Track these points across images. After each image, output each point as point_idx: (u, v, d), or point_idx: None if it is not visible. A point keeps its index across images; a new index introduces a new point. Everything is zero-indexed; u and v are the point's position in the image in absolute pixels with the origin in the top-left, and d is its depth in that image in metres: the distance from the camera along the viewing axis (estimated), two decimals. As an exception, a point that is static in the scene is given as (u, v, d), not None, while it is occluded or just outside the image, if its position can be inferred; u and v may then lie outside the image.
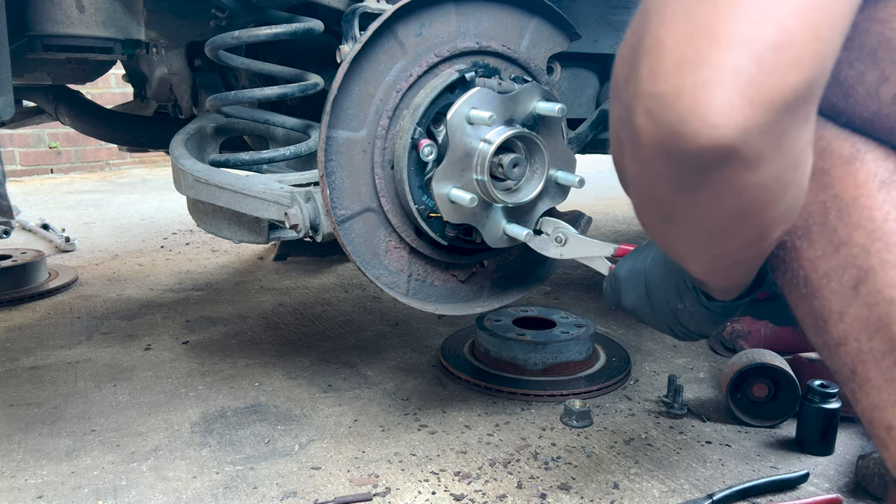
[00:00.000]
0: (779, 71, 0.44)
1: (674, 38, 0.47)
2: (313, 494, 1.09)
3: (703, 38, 0.45)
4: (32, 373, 1.55)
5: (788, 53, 0.44)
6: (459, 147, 1.06)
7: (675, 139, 0.47)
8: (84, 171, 5.07)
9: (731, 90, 0.45)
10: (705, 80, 0.45)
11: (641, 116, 0.49)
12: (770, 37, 0.44)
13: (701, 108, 0.45)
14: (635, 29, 0.52)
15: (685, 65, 0.46)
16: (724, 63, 0.45)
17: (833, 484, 1.12)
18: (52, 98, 1.97)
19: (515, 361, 1.46)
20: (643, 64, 0.49)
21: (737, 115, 0.45)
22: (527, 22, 1.18)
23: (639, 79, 0.49)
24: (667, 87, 0.47)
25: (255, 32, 1.24)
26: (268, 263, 2.49)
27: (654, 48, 0.48)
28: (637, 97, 0.50)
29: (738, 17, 0.44)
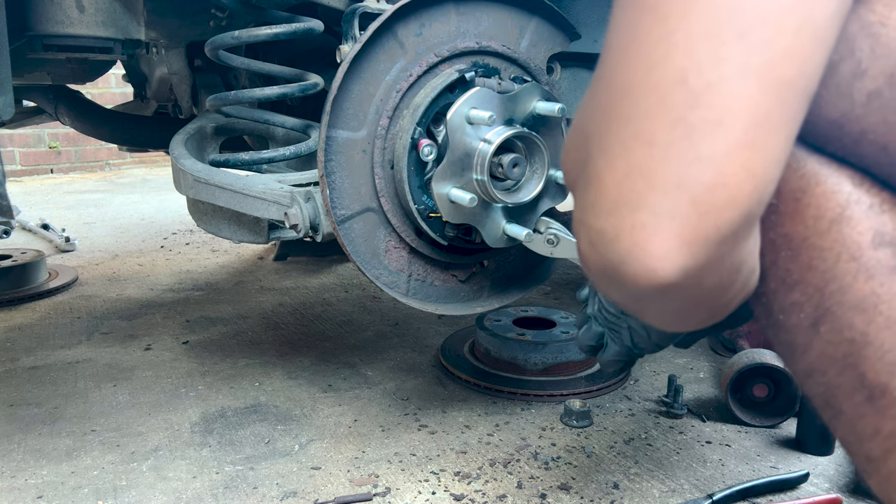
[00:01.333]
0: (714, 211, 0.44)
1: (612, 176, 0.47)
2: (313, 494, 1.09)
3: (639, 179, 0.45)
4: (32, 373, 1.55)
5: (723, 194, 0.44)
6: (459, 147, 1.06)
7: (615, 276, 0.48)
8: (84, 171, 5.07)
9: (667, 233, 0.45)
10: (643, 224, 0.45)
11: (584, 244, 0.50)
12: (704, 179, 0.44)
13: (638, 251, 0.46)
14: (579, 138, 0.52)
15: (623, 205, 0.46)
16: (659, 206, 0.45)
17: (833, 484, 1.12)
18: (52, 98, 1.97)
19: (515, 361, 1.46)
20: (586, 193, 0.49)
21: (674, 257, 0.45)
22: (527, 22, 1.18)
23: (583, 206, 0.50)
24: (606, 225, 0.47)
25: (255, 32, 1.24)
26: (268, 263, 2.49)
27: (595, 182, 0.48)
28: (580, 224, 0.50)
29: (673, 158, 0.44)
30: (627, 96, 0.46)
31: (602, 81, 0.49)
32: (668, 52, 0.45)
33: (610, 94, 0.48)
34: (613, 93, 0.48)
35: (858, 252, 0.52)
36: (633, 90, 0.46)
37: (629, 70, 0.46)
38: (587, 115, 0.51)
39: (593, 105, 0.50)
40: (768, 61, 0.43)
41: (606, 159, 0.47)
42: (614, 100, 0.47)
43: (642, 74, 0.45)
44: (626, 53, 0.47)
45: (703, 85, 0.44)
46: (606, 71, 0.49)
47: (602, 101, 0.49)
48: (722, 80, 0.44)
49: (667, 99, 0.44)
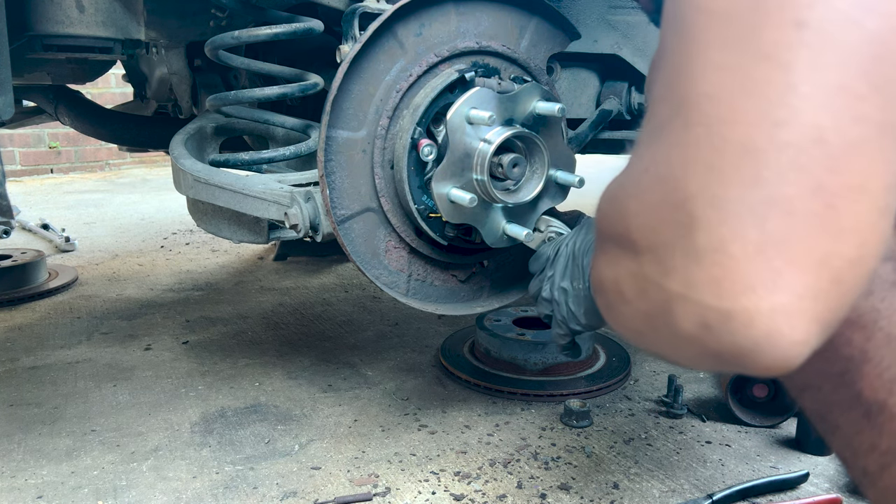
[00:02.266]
0: (853, 287, 0.41)
1: (742, 248, 0.40)
2: (313, 494, 1.09)
3: (777, 254, 0.40)
4: (32, 373, 1.55)
5: (863, 268, 0.41)
6: (459, 147, 1.06)
7: (736, 360, 0.43)
8: (84, 171, 5.07)
9: (809, 316, 0.40)
10: (784, 307, 0.40)
11: (693, 325, 0.43)
12: (848, 254, 0.40)
13: (778, 338, 0.41)
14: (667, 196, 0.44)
15: (760, 286, 0.40)
16: (802, 286, 0.40)
17: (833, 484, 1.12)
18: (52, 98, 1.97)
19: (515, 361, 1.46)
20: (699, 266, 0.42)
21: (812, 341, 0.41)
22: (527, 22, 1.18)
23: (691, 282, 0.43)
24: (736, 307, 0.41)
25: (255, 32, 1.24)
26: (268, 263, 2.49)
27: (718, 254, 0.41)
28: (688, 302, 0.43)
29: (816, 231, 0.39)
30: (751, 156, 0.40)
31: (703, 131, 0.43)
32: (798, 106, 0.39)
33: (723, 151, 0.41)
34: (729, 150, 0.41)
35: None
36: (757, 149, 0.40)
37: (747, 125, 0.41)
38: (678, 171, 0.44)
39: (689, 161, 0.43)
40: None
41: (733, 228, 0.41)
42: (732, 158, 0.41)
43: (767, 131, 0.40)
44: (737, 105, 0.41)
45: (843, 146, 0.39)
46: (704, 121, 0.43)
47: (708, 158, 0.42)
48: (863, 140, 0.39)
49: (801, 161, 0.39)
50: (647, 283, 0.46)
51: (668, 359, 0.50)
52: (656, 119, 0.47)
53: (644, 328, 0.48)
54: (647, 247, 0.46)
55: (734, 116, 0.41)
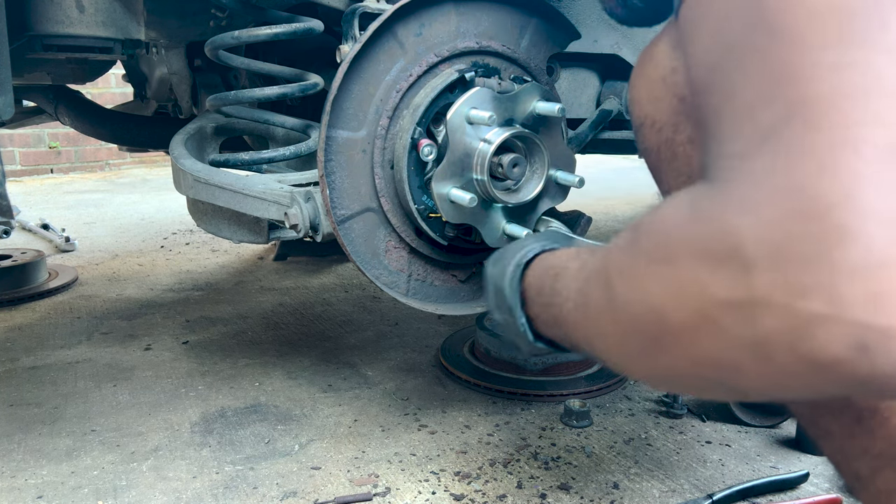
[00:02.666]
0: None
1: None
2: (313, 494, 1.09)
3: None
4: (32, 373, 1.55)
5: None
6: (459, 147, 1.06)
7: (889, 384, 0.40)
8: (84, 171, 5.07)
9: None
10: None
11: (844, 348, 0.39)
12: None
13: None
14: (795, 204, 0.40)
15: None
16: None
17: (833, 484, 1.12)
18: (52, 98, 1.97)
19: (515, 361, 1.46)
20: (853, 281, 0.38)
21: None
22: (527, 22, 1.18)
23: (843, 300, 0.39)
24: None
25: (255, 32, 1.24)
26: (268, 263, 2.49)
27: (876, 268, 0.38)
28: (839, 323, 0.39)
29: None
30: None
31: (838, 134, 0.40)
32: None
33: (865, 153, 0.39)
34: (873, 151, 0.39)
35: None
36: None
37: (890, 124, 0.39)
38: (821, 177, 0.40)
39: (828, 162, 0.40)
40: None
41: (888, 238, 0.38)
42: (878, 160, 0.39)
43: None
44: (875, 101, 0.39)
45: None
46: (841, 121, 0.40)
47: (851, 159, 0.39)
48: None
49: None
50: (765, 307, 0.42)
51: (761, 393, 0.45)
52: (756, 127, 0.43)
53: (744, 358, 0.43)
54: (770, 265, 0.41)
55: (874, 117, 0.38)
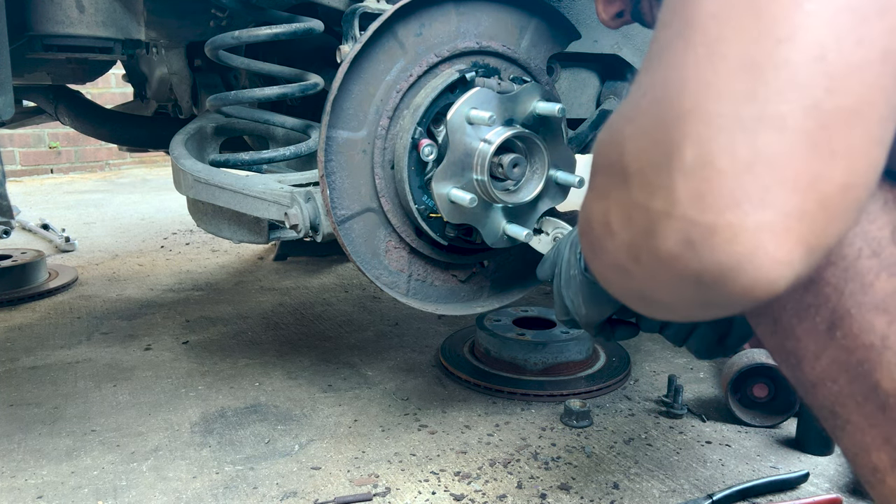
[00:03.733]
0: (841, 214, 0.40)
1: (730, 163, 0.40)
2: (313, 494, 1.09)
3: (767, 171, 0.39)
4: (32, 373, 1.55)
5: (853, 195, 0.40)
6: (459, 147, 1.06)
7: (718, 282, 0.41)
8: (84, 171, 5.07)
9: (794, 237, 0.40)
10: (770, 224, 0.39)
11: (675, 243, 0.42)
12: (838, 178, 0.39)
13: (760, 256, 0.40)
14: (659, 116, 0.43)
15: (746, 201, 0.39)
16: (789, 205, 0.39)
17: (833, 484, 1.12)
18: (52, 98, 1.97)
19: (515, 361, 1.46)
20: (685, 181, 0.41)
21: (795, 265, 0.40)
22: (527, 22, 1.18)
23: (676, 198, 0.41)
24: (720, 222, 0.40)
25: (255, 32, 1.24)
26: (268, 263, 2.49)
27: (704, 168, 0.40)
28: (671, 219, 0.42)
29: (807, 153, 0.39)
30: (748, 72, 0.40)
31: (698, 52, 0.42)
32: (802, 24, 0.39)
33: (718, 68, 0.41)
34: (724, 66, 0.41)
35: (879, 248, 0.49)
36: (755, 65, 0.40)
37: (749, 41, 0.40)
38: (673, 90, 0.43)
39: (684, 79, 0.42)
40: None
41: (723, 142, 0.40)
42: (727, 74, 0.40)
43: (769, 47, 0.39)
44: (741, 21, 0.41)
45: (843, 66, 0.38)
46: (705, 40, 0.42)
47: (704, 74, 0.41)
48: (864, 63, 0.38)
49: (800, 78, 0.39)
50: (634, 208, 0.45)
51: (649, 298, 0.48)
52: (658, 44, 0.46)
53: (627, 261, 0.47)
54: (637, 169, 0.44)
55: (737, 34, 0.41)
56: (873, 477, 0.52)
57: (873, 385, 0.50)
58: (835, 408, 0.53)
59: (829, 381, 0.52)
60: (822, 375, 0.53)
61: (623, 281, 0.49)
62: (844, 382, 0.51)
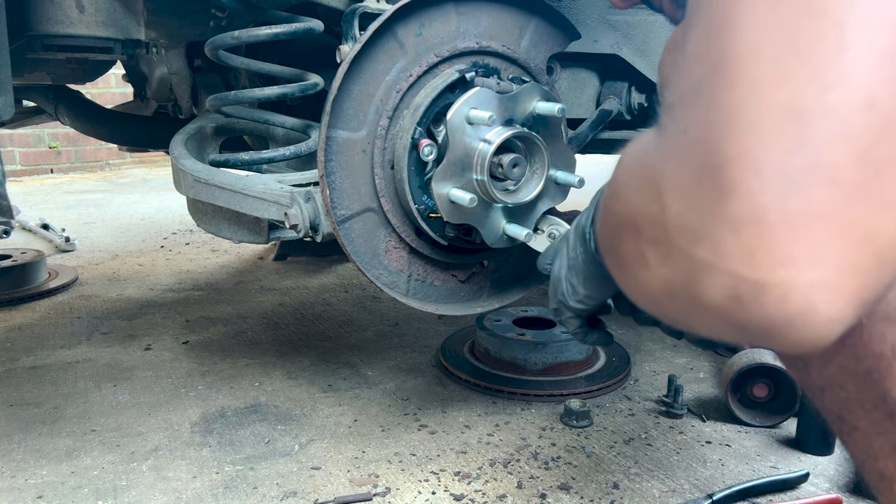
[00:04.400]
0: (893, 265, 0.39)
1: (782, 218, 0.38)
2: (313, 494, 1.09)
3: (821, 227, 0.37)
4: (32, 373, 1.55)
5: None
6: (459, 147, 1.06)
7: (765, 335, 0.41)
8: (84, 171, 5.07)
9: (848, 294, 0.38)
10: (823, 283, 0.38)
11: (721, 296, 0.41)
12: (890, 231, 0.38)
13: (811, 314, 0.39)
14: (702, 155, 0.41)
15: (799, 259, 0.38)
16: (844, 261, 0.38)
17: (833, 484, 1.12)
18: (52, 98, 1.97)
19: (515, 361, 1.46)
20: (734, 235, 0.39)
21: (847, 319, 0.39)
22: (527, 22, 1.18)
23: (723, 251, 0.40)
24: (772, 280, 0.39)
25: (255, 32, 1.24)
26: (268, 263, 2.49)
27: (755, 223, 0.39)
28: (718, 272, 0.41)
29: (862, 201, 0.37)
30: (796, 119, 0.38)
31: (746, 91, 0.40)
32: (848, 70, 0.37)
33: (763, 112, 0.39)
34: (770, 111, 0.39)
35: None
36: (803, 112, 0.38)
37: (794, 86, 0.38)
38: (717, 133, 0.41)
39: (727, 121, 0.40)
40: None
41: (771, 195, 0.38)
42: (772, 120, 0.39)
43: (814, 94, 0.38)
44: (785, 64, 0.39)
45: (893, 113, 0.37)
46: (750, 78, 0.40)
47: (748, 119, 0.39)
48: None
49: (849, 127, 0.37)
50: (674, 250, 0.44)
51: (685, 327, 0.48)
52: (691, 79, 0.44)
53: (661, 295, 0.46)
54: (678, 213, 0.43)
55: (781, 77, 0.39)
56: (881, 483, 0.52)
57: (882, 394, 0.49)
58: (842, 413, 0.52)
59: (837, 387, 0.52)
60: (830, 381, 0.52)
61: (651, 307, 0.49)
62: (853, 389, 0.51)
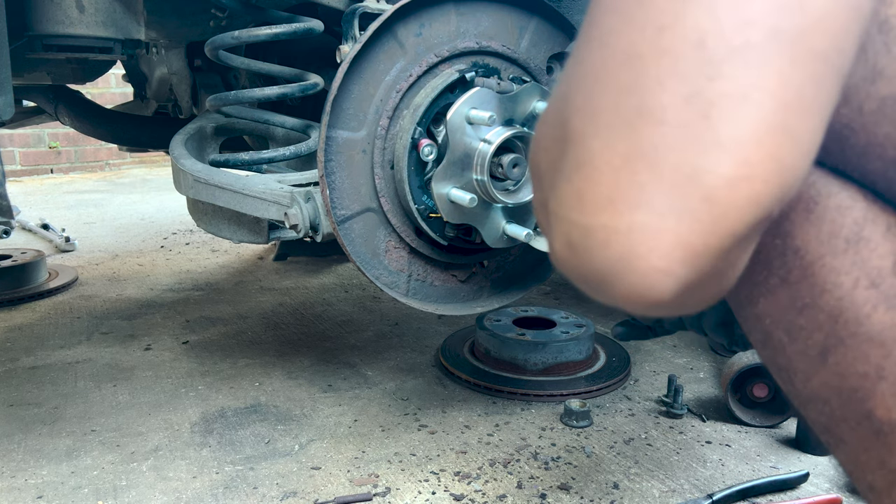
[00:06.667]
0: (732, 212, 0.36)
1: (608, 159, 0.37)
2: (313, 494, 1.09)
3: (643, 167, 0.36)
4: (32, 373, 1.55)
5: (746, 190, 0.36)
6: (459, 147, 1.06)
7: (599, 285, 0.39)
8: (84, 171, 5.07)
9: (671, 239, 0.36)
10: (643, 226, 0.36)
11: (561, 245, 0.41)
12: (724, 170, 0.35)
13: (634, 261, 0.37)
14: (558, 115, 0.41)
15: (620, 199, 0.37)
16: (665, 203, 0.36)
17: (833, 484, 1.12)
18: (52, 98, 1.97)
19: (515, 361, 1.46)
20: (569, 181, 0.39)
21: (676, 271, 0.37)
22: (527, 22, 1.18)
23: (561, 197, 0.40)
24: (595, 223, 0.38)
25: (255, 32, 1.24)
26: (268, 263, 2.49)
27: (584, 166, 0.38)
28: (558, 219, 0.40)
29: (686, 142, 0.35)
30: (630, 62, 0.37)
31: (593, 46, 0.40)
32: (682, 10, 0.36)
33: (606, 61, 0.39)
34: (612, 59, 0.38)
35: (879, 279, 0.46)
36: (638, 55, 0.37)
37: (633, 32, 0.38)
38: (571, 87, 0.41)
39: (580, 74, 0.40)
40: (800, 28, 0.36)
41: (601, 138, 0.38)
42: (613, 66, 0.38)
43: (650, 36, 0.37)
44: (627, 12, 0.38)
45: (725, 51, 0.36)
46: (599, 34, 0.40)
47: (594, 68, 0.39)
48: (748, 46, 0.35)
49: (680, 66, 0.36)
50: (544, 208, 0.43)
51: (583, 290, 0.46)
52: (574, 45, 0.44)
53: (556, 259, 0.45)
54: (542, 170, 0.43)
55: (622, 25, 0.38)
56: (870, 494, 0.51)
57: (867, 412, 0.48)
58: (829, 425, 0.51)
59: (821, 401, 0.51)
60: (814, 396, 0.51)
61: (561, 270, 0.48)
62: (837, 405, 0.50)
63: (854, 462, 0.51)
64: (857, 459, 0.50)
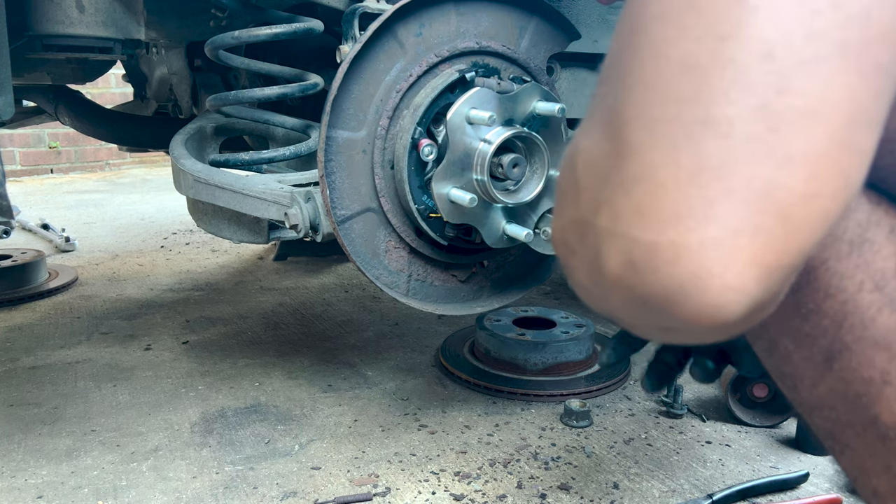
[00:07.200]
0: (805, 229, 0.35)
1: (673, 174, 0.36)
2: (313, 494, 1.09)
3: (713, 181, 0.35)
4: (32, 373, 1.55)
5: (818, 205, 0.35)
6: (459, 147, 1.06)
7: (664, 307, 0.37)
8: (84, 171, 5.07)
9: (746, 256, 0.35)
10: (716, 242, 0.35)
11: (617, 264, 0.38)
12: (796, 185, 0.34)
13: (706, 278, 0.35)
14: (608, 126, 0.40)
15: (688, 215, 0.35)
16: (738, 219, 0.35)
17: (833, 484, 1.12)
18: (52, 98, 1.97)
19: (515, 361, 1.46)
20: (627, 196, 0.37)
21: (751, 289, 0.36)
22: (526, 22, 1.18)
23: (617, 213, 0.38)
24: (661, 240, 0.36)
25: (255, 32, 1.24)
26: (268, 263, 2.49)
27: (646, 179, 0.37)
28: (613, 237, 0.38)
29: (756, 156, 0.34)
30: (689, 72, 0.36)
31: (643, 55, 0.38)
32: (745, 19, 0.35)
33: (661, 70, 0.37)
34: (667, 68, 0.37)
35: (883, 281, 0.45)
36: (698, 64, 0.36)
37: (688, 41, 0.36)
38: (620, 97, 0.39)
39: (630, 84, 0.39)
40: (866, 40, 0.35)
41: (661, 150, 0.36)
42: (669, 76, 0.37)
43: (710, 46, 0.36)
44: (682, 19, 0.37)
45: (794, 63, 0.34)
46: (649, 42, 0.38)
47: (647, 78, 0.38)
48: (817, 58, 0.34)
49: (747, 78, 0.35)
50: (585, 226, 0.41)
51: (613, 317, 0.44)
52: (611, 52, 0.42)
53: (586, 280, 0.43)
54: (585, 185, 0.41)
55: (677, 32, 0.37)
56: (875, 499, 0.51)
57: (873, 418, 0.48)
58: (833, 431, 0.51)
59: (827, 408, 0.51)
60: (820, 402, 0.51)
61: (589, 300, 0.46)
62: (843, 411, 0.49)
63: (859, 467, 0.50)
64: (862, 464, 0.50)
